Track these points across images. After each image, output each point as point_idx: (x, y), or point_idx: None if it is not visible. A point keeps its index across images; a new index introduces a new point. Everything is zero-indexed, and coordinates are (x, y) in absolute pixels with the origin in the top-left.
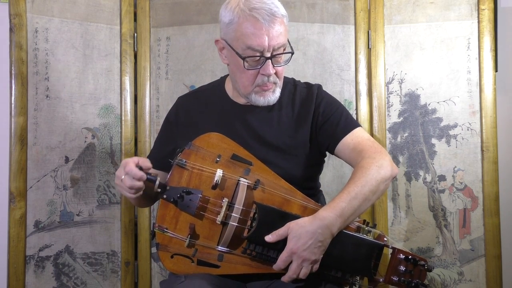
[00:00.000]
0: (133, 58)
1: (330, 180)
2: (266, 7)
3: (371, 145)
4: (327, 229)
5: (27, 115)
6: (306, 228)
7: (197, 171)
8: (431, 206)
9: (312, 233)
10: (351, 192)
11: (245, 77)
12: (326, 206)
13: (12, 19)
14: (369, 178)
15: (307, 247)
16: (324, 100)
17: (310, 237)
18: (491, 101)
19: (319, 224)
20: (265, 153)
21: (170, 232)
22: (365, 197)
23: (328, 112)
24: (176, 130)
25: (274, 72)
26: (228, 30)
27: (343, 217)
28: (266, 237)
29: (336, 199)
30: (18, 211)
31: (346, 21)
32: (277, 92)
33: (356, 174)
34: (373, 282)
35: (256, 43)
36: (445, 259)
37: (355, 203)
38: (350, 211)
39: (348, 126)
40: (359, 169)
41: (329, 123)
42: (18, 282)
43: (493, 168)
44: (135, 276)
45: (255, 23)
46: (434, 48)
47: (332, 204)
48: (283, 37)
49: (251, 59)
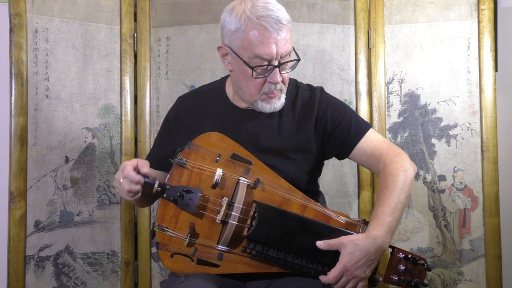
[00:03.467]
0: (133, 58)
1: (330, 180)
2: (273, 15)
3: (388, 147)
4: (380, 248)
5: (27, 115)
6: (359, 246)
7: (197, 170)
8: (431, 206)
9: (367, 252)
10: (391, 204)
11: (252, 85)
12: (374, 223)
13: (12, 19)
14: (401, 185)
15: (360, 265)
16: (330, 105)
17: (363, 256)
18: (491, 101)
19: (372, 243)
20: (265, 158)
21: (170, 231)
22: (403, 205)
23: (336, 117)
24: (176, 131)
25: (281, 80)
26: (234, 38)
27: (391, 231)
28: (317, 242)
29: (379, 214)
30: (18, 211)
31: (346, 21)
32: (282, 98)
33: (387, 183)
34: (373, 281)
35: (264, 52)
36: (445, 259)
37: (397, 214)
38: (395, 223)
39: (360, 130)
40: (388, 177)
41: (340, 129)
42: (18, 282)
43: (493, 168)
44: (135, 276)
45: (264, 32)
46: (434, 48)
47: (378, 221)
48: (289, 44)
49: (259, 68)
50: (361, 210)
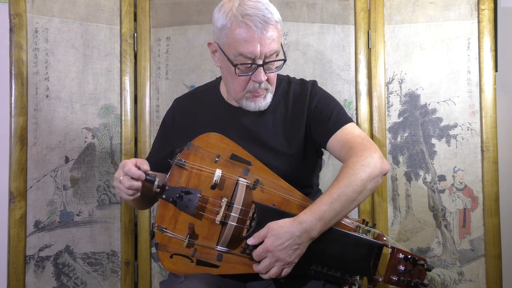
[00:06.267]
0: (133, 58)
1: (330, 180)
2: (259, 14)
3: (360, 141)
4: (306, 233)
5: (27, 115)
6: (285, 228)
7: (196, 171)
8: (431, 206)
9: (291, 234)
10: (333, 194)
11: (236, 83)
12: (307, 209)
13: (12, 19)
14: (353, 178)
15: (283, 248)
16: (317, 96)
17: (288, 238)
18: (491, 101)
19: (298, 227)
20: (261, 155)
21: (169, 232)
22: (348, 198)
23: (320, 108)
24: (173, 132)
25: (265, 79)
26: (221, 35)
27: (323, 220)
28: (248, 240)
29: (317, 201)
30: (18, 211)
31: (346, 21)
32: (268, 98)
33: (340, 174)
34: (372, 281)
35: (248, 51)
36: (445, 259)
37: (337, 205)
38: (332, 213)
39: (339, 122)
40: (344, 168)
41: (320, 119)
42: (18, 282)
43: (493, 168)
44: (135, 276)
45: (247, 30)
46: (434, 48)
47: (312, 207)
48: (275, 43)
49: (242, 66)
50: (360, 210)
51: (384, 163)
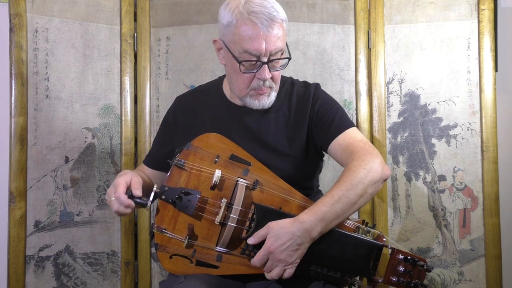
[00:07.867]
0: (133, 58)
1: (330, 180)
2: (266, 11)
3: (362, 146)
4: (306, 233)
5: (27, 115)
6: (285, 229)
7: (195, 172)
8: (431, 206)
9: (292, 235)
10: (335, 195)
11: (240, 80)
12: (308, 209)
13: (12, 19)
14: (355, 181)
15: (285, 249)
16: (320, 99)
17: (288, 239)
18: (491, 101)
19: (298, 227)
20: (262, 155)
21: (168, 232)
22: (349, 201)
23: (322, 111)
24: (174, 131)
25: (270, 76)
26: (226, 32)
27: (324, 221)
28: (248, 239)
29: (318, 202)
30: (18, 211)
31: (346, 21)
32: (272, 96)
33: (342, 177)
34: (372, 282)
35: (253, 48)
36: (445, 259)
37: (338, 207)
38: (333, 215)
39: (341, 126)
40: (347, 171)
41: (322, 122)
42: (18, 282)
43: (493, 168)
44: (135, 276)
45: (253, 28)
46: (434, 48)
47: (314, 208)
48: (281, 42)
49: (247, 63)
50: (360, 210)
51: (385, 169)
